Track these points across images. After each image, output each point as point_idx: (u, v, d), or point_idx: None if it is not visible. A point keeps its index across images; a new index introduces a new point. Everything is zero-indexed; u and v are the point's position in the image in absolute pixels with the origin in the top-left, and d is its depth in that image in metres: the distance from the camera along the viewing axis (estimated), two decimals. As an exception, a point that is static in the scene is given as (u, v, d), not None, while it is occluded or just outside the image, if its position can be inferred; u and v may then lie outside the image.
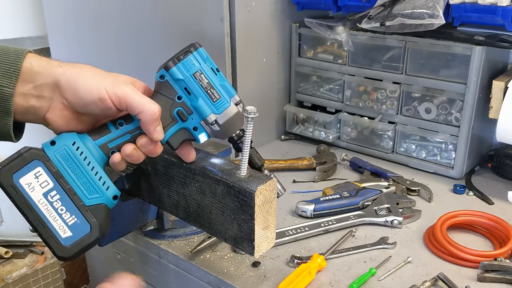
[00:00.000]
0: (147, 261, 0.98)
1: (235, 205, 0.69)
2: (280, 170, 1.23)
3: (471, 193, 1.12)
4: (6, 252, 2.03)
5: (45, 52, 2.00)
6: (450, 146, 1.19)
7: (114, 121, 0.67)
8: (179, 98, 0.68)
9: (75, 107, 0.63)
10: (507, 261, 0.84)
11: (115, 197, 0.66)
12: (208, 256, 0.89)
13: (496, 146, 1.27)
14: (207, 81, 0.67)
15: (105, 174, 0.66)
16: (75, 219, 0.63)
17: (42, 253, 2.09)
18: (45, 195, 0.62)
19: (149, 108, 0.63)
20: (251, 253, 0.70)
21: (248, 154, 0.69)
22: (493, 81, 1.08)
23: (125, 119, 0.67)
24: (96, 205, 0.64)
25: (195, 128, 0.68)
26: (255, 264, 0.87)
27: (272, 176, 0.70)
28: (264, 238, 0.70)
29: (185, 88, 0.67)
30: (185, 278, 0.91)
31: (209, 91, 0.67)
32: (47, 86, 0.62)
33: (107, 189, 0.65)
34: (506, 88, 1.05)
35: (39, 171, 0.62)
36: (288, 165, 1.23)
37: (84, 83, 0.62)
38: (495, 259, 0.84)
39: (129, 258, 1.05)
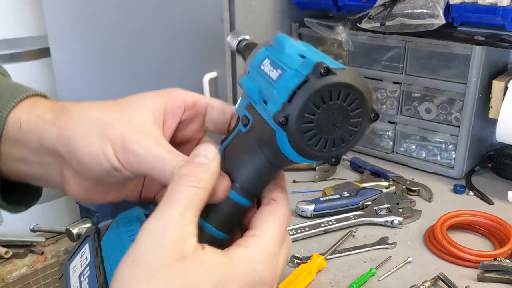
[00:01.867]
0: (147, 261, 0.98)
1: (235, 205, 0.68)
2: (280, 170, 1.23)
3: (471, 193, 1.12)
4: (6, 252, 2.03)
5: (45, 52, 2.01)
6: (450, 146, 1.19)
7: None
8: None
9: (90, 178, 0.45)
10: (507, 261, 0.84)
11: None
12: (208, 256, 0.89)
13: (496, 146, 1.27)
14: None
15: None
16: None
17: (42, 253, 2.10)
18: (80, 275, 0.46)
19: (170, 172, 0.41)
20: (251, 253, 0.70)
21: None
22: (493, 81, 1.08)
23: None
24: None
25: None
26: (255, 264, 0.87)
27: None
28: (264, 238, 0.70)
29: None
30: (185, 278, 0.91)
31: None
32: (45, 152, 0.45)
33: None
34: (506, 88, 1.05)
35: (85, 249, 0.48)
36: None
37: (84, 148, 0.43)
38: (495, 259, 0.84)
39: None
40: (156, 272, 0.35)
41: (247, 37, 0.53)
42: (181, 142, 0.50)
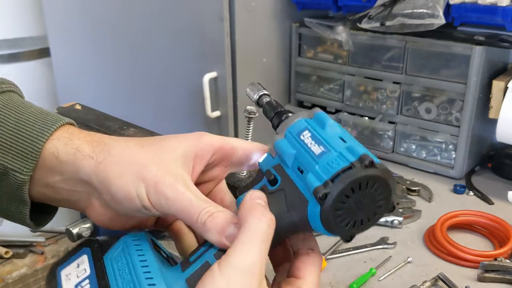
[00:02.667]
0: (147, 261, 0.98)
1: (235, 205, 0.69)
2: (280, 170, 1.23)
3: (471, 193, 1.12)
4: (6, 252, 2.03)
5: (45, 52, 2.01)
6: (450, 146, 1.19)
7: None
8: None
9: (118, 211, 0.48)
10: (507, 261, 0.84)
11: None
12: (208, 256, 0.89)
13: (496, 146, 1.27)
14: None
15: None
16: None
17: (42, 253, 2.10)
18: (77, 285, 0.46)
19: (196, 216, 0.44)
20: (251, 253, 0.70)
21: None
22: (493, 81, 1.08)
23: None
24: None
25: None
26: (255, 264, 0.87)
27: None
28: (264, 238, 0.70)
29: None
30: (185, 278, 0.91)
31: None
32: (79, 181, 0.48)
33: None
34: (506, 88, 1.05)
35: (83, 259, 0.48)
36: (288, 165, 1.23)
37: (119, 185, 0.46)
38: (495, 259, 0.84)
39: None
40: None
41: (266, 92, 0.58)
42: (202, 182, 0.53)
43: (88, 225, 0.87)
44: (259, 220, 0.42)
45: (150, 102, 1.51)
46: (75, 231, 0.85)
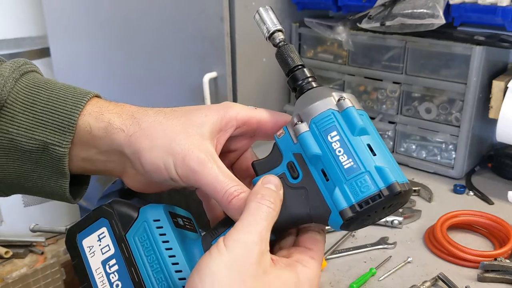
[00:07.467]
0: (147, 261, 0.98)
1: (235, 205, 0.68)
2: (280, 170, 1.23)
3: (471, 193, 1.12)
4: (6, 252, 2.03)
5: (45, 52, 2.01)
6: (450, 146, 1.19)
7: None
8: None
9: (149, 179, 0.51)
10: (507, 261, 0.84)
11: None
12: (208, 256, 0.89)
13: (496, 146, 1.27)
14: None
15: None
16: None
17: (42, 253, 2.10)
18: (104, 263, 0.49)
19: (223, 193, 0.47)
20: (251, 253, 0.70)
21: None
22: (493, 81, 1.08)
23: None
24: None
25: None
26: (255, 264, 0.86)
27: None
28: (264, 238, 0.70)
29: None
30: (185, 278, 0.91)
31: None
32: (113, 152, 0.50)
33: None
34: (506, 88, 1.05)
35: (103, 233, 0.50)
36: (288, 165, 1.23)
37: (149, 158, 0.48)
38: (495, 259, 0.84)
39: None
40: (248, 281, 0.42)
41: (280, 26, 0.53)
42: (228, 151, 0.54)
43: (88, 225, 0.87)
44: (259, 203, 0.44)
45: (150, 102, 1.51)
46: (75, 231, 0.85)
